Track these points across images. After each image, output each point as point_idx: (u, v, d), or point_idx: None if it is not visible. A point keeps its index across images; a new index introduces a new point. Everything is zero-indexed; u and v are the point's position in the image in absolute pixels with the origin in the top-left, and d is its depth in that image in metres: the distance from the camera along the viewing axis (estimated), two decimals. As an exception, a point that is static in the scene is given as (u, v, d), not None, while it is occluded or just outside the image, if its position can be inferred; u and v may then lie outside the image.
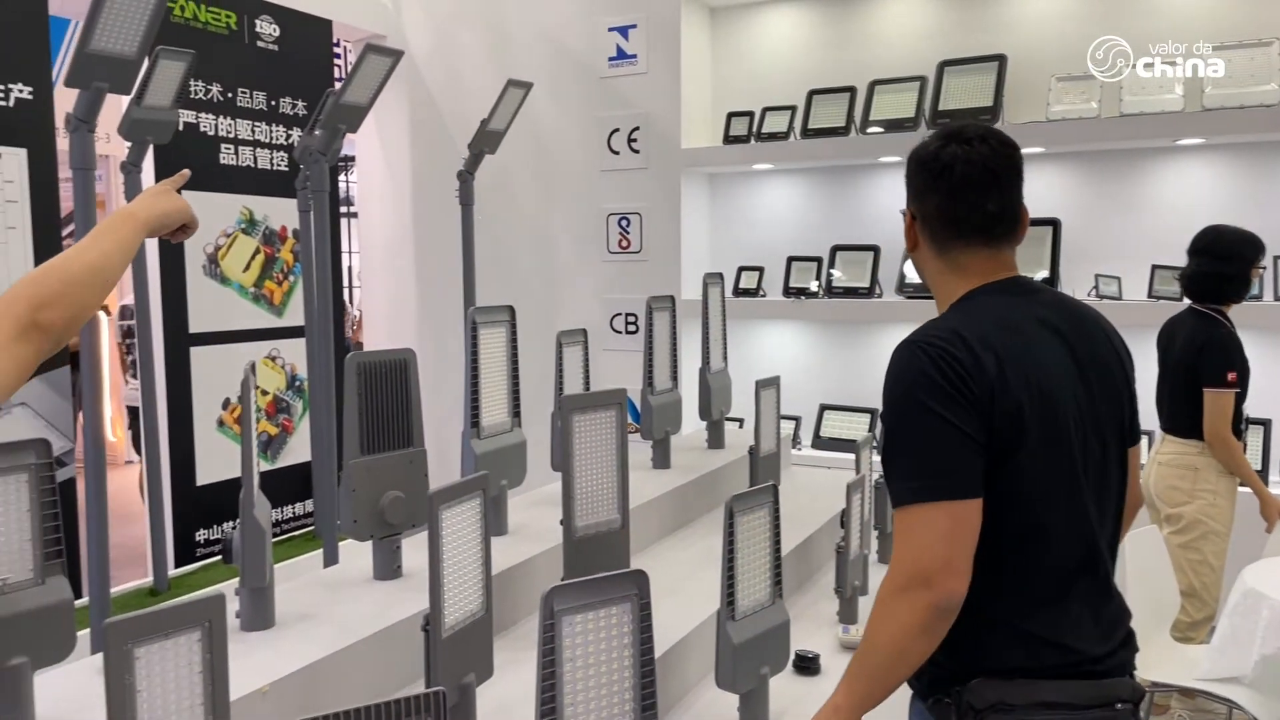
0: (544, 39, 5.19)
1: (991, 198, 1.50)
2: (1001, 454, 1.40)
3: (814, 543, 2.87)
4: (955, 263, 1.53)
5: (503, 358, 2.40)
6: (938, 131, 1.56)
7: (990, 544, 1.39)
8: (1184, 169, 4.21)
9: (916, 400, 1.40)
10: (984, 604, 1.40)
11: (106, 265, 1.27)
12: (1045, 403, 1.41)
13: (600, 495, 2.09)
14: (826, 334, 4.92)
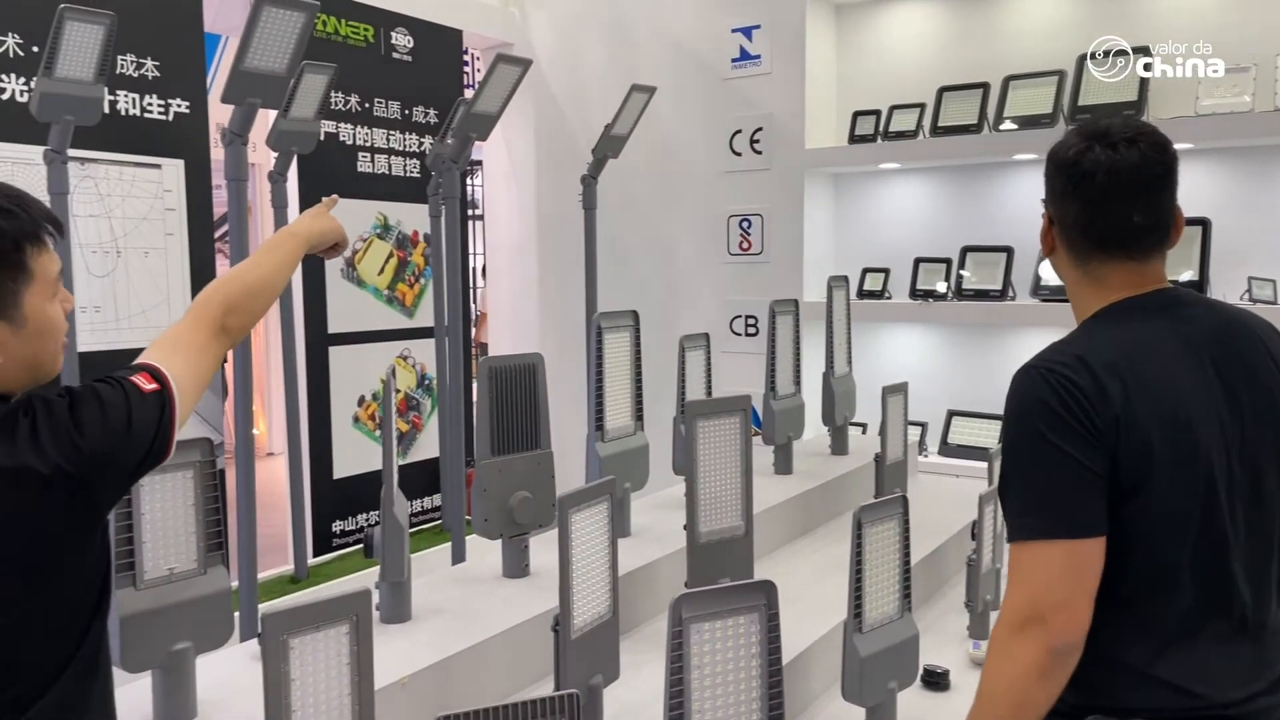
0: (667, 42, 5.21)
1: (1138, 208, 1.37)
2: (1127, 490, 1.29)
3: (942, 554, 2.79)
4: (1094, 274, 1.41)
5: (626, 362, 2.43)
6: (1081, 128, 1.42)
7: (1114, 583, 1.30)
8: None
9: (1034, 430, 1.31)
10: (1105, 644, 1.31)
11: (274, 279, 1.45)
12: (1179, 433, 1.30)
13: (724, 501, 2.10)
14: (955, 338, 4.77)
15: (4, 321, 1.09)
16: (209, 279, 4.01)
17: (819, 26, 4.88)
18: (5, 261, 1.08)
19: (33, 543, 1.03)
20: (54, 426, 1.05)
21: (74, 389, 1.12)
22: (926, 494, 3.36)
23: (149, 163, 3.84)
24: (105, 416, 1.08)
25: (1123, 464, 1.29)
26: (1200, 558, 1.32)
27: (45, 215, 1.14)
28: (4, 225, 1.07)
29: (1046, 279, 4.32)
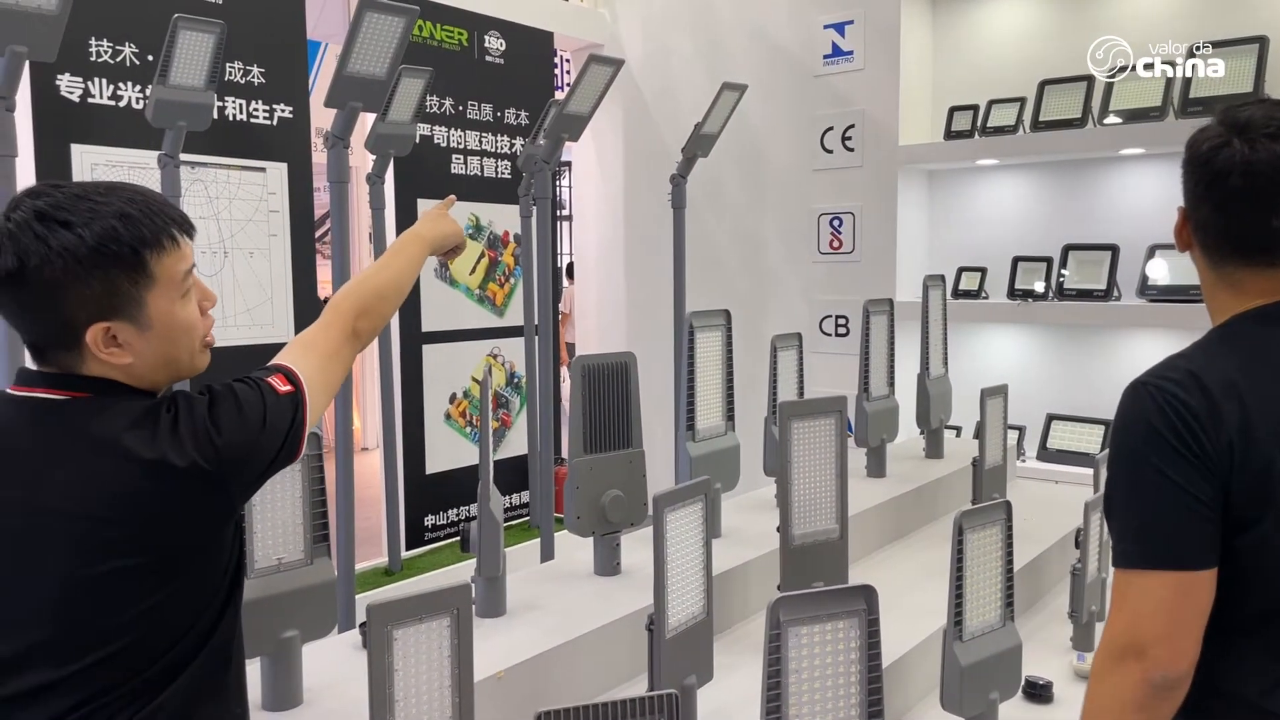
0: (757, 39, 5.17)
1: (1273, 218, 1.24)
2: (1245, 520, 1.20)
3: (1044, 562, 2.70)
4: (1230, 279, 1.30)
5: (718, 361, 2.42)
6: (1223, 115, 1.29)
7: (1230, 612, 1.22)
8: None
9: (1138, 453, 1.22)
10: (1221, 676, 1.24)
11: (401, 281, 1.48)
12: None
13: (818, 504, 2.06)
14: (1055, 339, 4.61)
15: (129, 323, 1.10)
16: (309, 278, 4.17)
17: (914, 21, 4.77)
18: (123, 264, 1.09)
19: (167, 532, 1.07)
20: (193, 423, 1.09)
21: (213, 388, 1.16)
22: (1025, 500, 3.25)
23: (254, 166, 3.98)
24: (242, 416, 1.12)
25: (1237, 492, 1.19)
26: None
27: (169, 216, 1.15)
28: (123, 232, 1.09)
29: (1155, 278, 4.15)
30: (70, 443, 1.07)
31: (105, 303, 1.09)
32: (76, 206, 1.07)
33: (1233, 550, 1.21)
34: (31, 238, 1.05)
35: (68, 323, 1.08)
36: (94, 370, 1.11)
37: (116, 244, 1.08)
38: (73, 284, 1.06)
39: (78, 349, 1.10)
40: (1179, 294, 4.03)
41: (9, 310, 1.10)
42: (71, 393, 1.10)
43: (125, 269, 1.09)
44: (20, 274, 1.05)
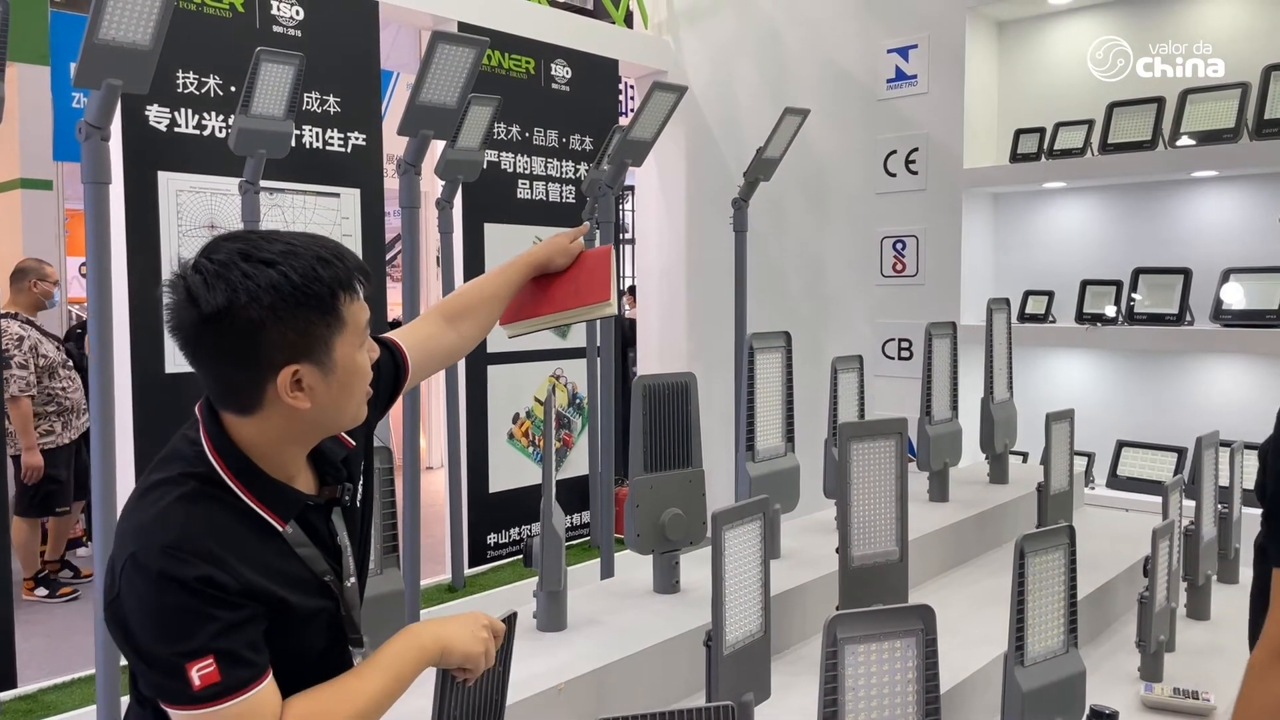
0: (820, 64, 5.20)
1: None
2: None
3: (1111, 590, 2.65)
4: None
5: (778, 382, 2.44)
6: None
7: None
8: None
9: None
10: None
11: (499, 290, 1.61)
12: None
13: (878, 526, 2.07)
14: (1125, 364, 4.52)
15: (314, 366, 1.10)
16: (380, 300, 4.28)
17: (979, 44, 4.76)
18: (321, 307, 1.09)
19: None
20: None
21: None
22: (1093, 527, 3.19)
23: (329, 192, 4.13)
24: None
25: None
26: None
27: (357, 265, 1.15)
28: (322, 273, 1.09)
29: (1230, 302, 4.05)
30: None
31: (299, 345, 1.08)
32: (274, 249, 1.09)
33: None
34: (240, 275, 1.05)
35: (263, 364, 1.08)
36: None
37: (318, 284, 1.08)
38: (274, 324, 1.06)
39: (260, 398, 1.10)
40: (1255, 318, 3.92)
41: (208, 353, 1.09)
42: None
43: (321, 311, 1.09)
44: (228, 312, 1.05)
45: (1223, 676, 2.27)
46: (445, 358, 1.57)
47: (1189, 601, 2.65)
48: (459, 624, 1.20)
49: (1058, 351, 4.69)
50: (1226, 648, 2.45)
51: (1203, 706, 2.06)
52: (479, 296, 1.60)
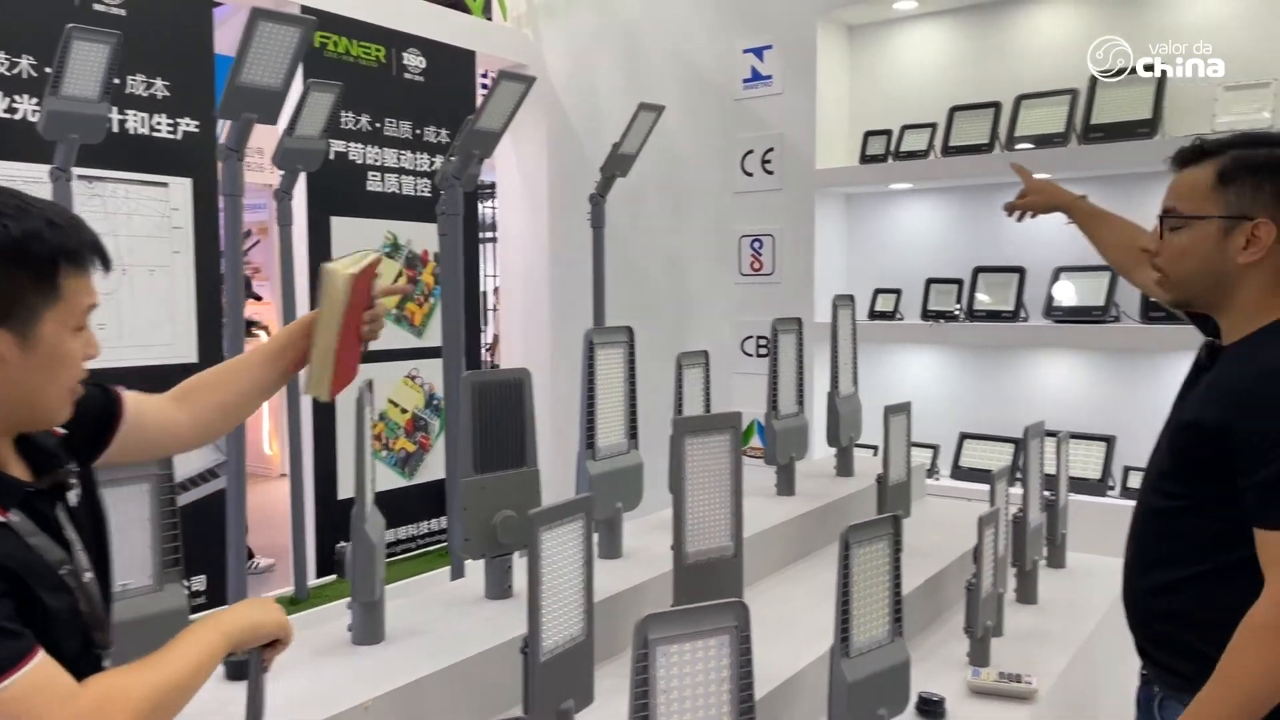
0: (679, 63, 5.21)
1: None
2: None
3: (945, 578, 2.72)
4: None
5: (620, 379, 2.39)
6: (1245, 139, 1.57)
7: None
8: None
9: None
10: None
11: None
12: None
13: (713, 521, 2.04)
14: (968, 359, 4.69)
15: (13, 334, 1.01)
16: (215, 295, 4.03)
17: (830, 47, 4.85)
18: (37, 271, 1.02)
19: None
20: None
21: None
22: (933, 516, 3.29)
23: (156, 181, 3.86)
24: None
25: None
26: None
27: (94, 242, 1.09)
28: (48, 236, 1.02)
29: (1060, 300, 4.25)
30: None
31: (1, 305, 1.00)
32: (8, 202, 1.02)
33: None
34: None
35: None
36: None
37: (39, 244, 1.01)
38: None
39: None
40: (1083, 314, 4.13)
41: None
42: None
43: (36, 275, 1.02)
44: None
45: (1048, 659, 2.35)
46: (166, 434, 1.32)
47: (1018, 587, 2.74)
48: (250, 603, 1.20)
49: (906, 347, 4.83)
50: (1053, 631, 2.55)
51: (1024, 690, 2.12)
52: (214, 377, 1.41)
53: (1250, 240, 1.51)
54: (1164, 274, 1.64)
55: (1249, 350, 1.53)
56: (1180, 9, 4.14)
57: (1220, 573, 1.52)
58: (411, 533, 4.91)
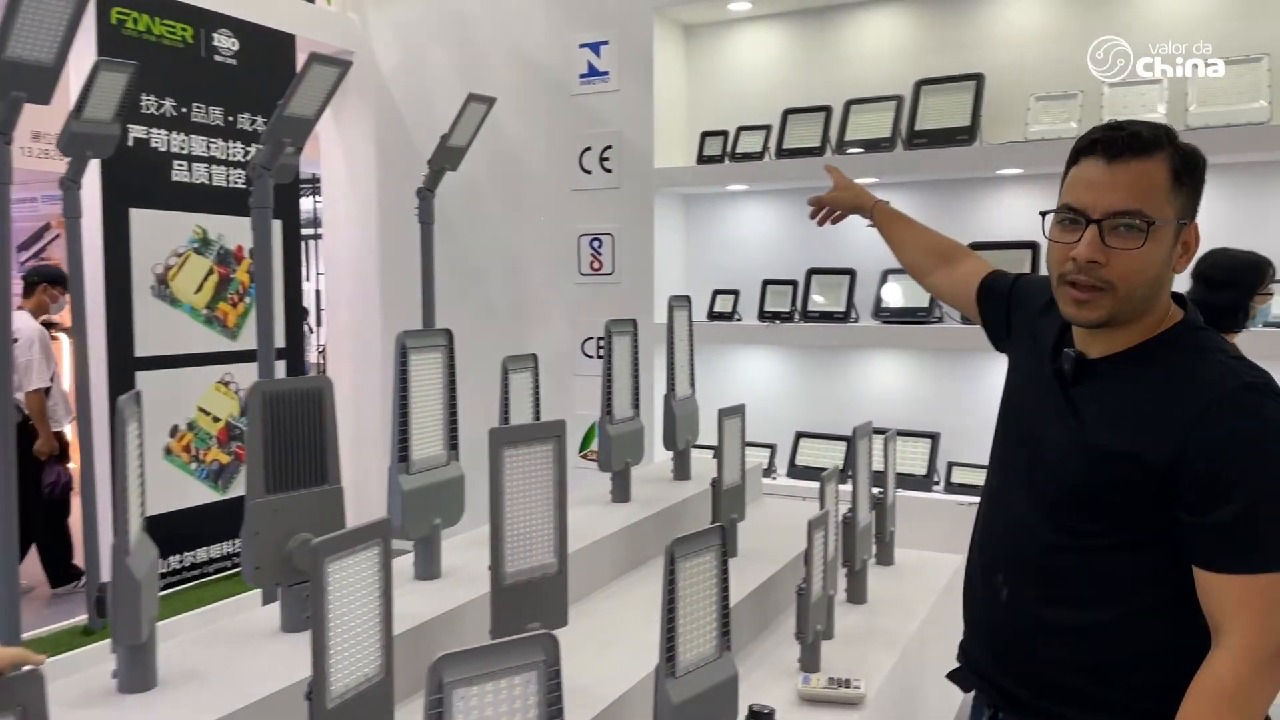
0: (514, 55, 5.06)
1: None
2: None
3: (778, 582, 2.69)
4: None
5: (438, 385, 2.23)
6: (1174, 132, 1.39)
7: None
8: (1168, 190, 4.07)
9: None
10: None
11: None
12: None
13: (535, 538, 1.92)
14: (802, 359, 4.76)
15: None
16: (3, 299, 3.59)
17: (667, 45, 4.82)
18: None
19: None
20: None
21: None
22: (767, 518, 3.27)
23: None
24: None
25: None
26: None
27: None
28: None
29: (888, 301, 4.35)
30: None
31: None
32: None
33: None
34: None
35: None
36: None
37: None
38: None
39: None
40: (909, 315, 4.24)
41: None
42: None
43: None
44: None
45: (876, 658, 2.35)
46: None
47: (849, 587, 2.74)
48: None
49: (744, 348, 4.85)
50: (882, 629, 2.56)
51: (853, 695, 2.10)
52: None
53: (1185, 248, 1.39)
54: (1104, 289, 1.36)
55: (1176, 368, 1.35)
56: (995, 20, 4.31)
57: (1140, 617, 1.37)
58: (227, 550, 4.56)
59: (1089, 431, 1.39)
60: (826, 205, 2.42)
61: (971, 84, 4.19)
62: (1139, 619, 1.37)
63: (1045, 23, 4.21)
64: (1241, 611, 1.26)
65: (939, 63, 4.33)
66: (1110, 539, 1.37)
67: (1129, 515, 1.36)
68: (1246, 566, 1.26)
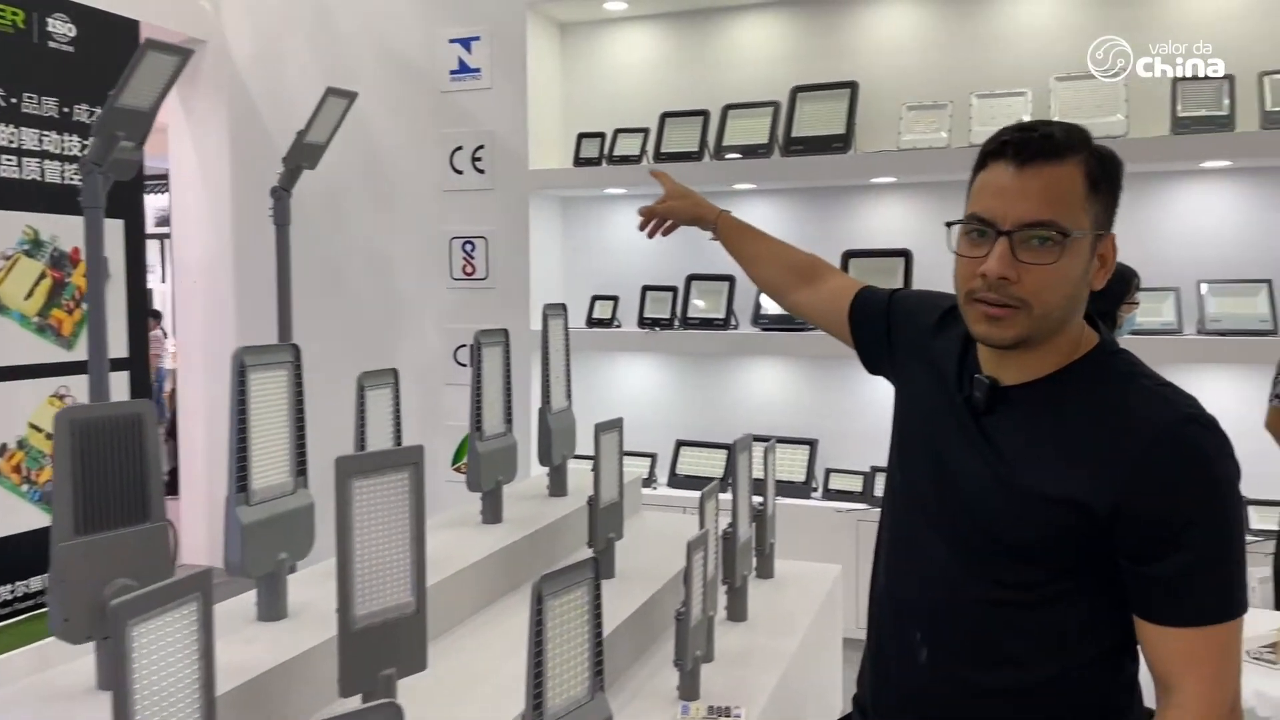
0: (381, 49, 4.82)
1: None
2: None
3: (658, 602, 2.59)
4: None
5: (282, 406, 2.03)
6: (1088, 134, 1.26)
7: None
8: (1033, 200, 4.18)
9: (1238, 495, 1.20)
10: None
11: None
12: None
13: (389, 576, 1.75)
14: (683, 366, 4.69)
15: None
16: None
17: (542, 43, 4.67)
18: None
19: None
20: None
21: None
22: (647, 533, 3.17)
23: None
24: None
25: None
26: None
27: None
28: None
29: (767, 308, 4.33)
30: None
31: None
32: None
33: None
34: None
35: None
36: None
37: None
38: None
39: None
40: (787, 322, 4.23)
41: None
42: None
43: None
44: None
45: (758, 679, 2.28)
46: None
47: (729, 604, 2.67)
48: None
49: (624, 355, 4.76)
50: (763, 648, 2.49)
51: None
52: None
53: (1102, 261, 1.26)
54: (1018, 307, 1.22)
55: (1104, 399, 1.23)
56: (869, 29, 4.34)
57: (1082, 670, 1.26)
58: (63, 580, 4.17)
59: (1013, 470, 1.25)
60: (659, 216, 2.15)
61: (846, 92, 4.21)
62: (1082, 672, 1.25)
63: (917, 33, 4.26)
64: (1193, 667, 1.16)
65: (815, 69, 4.34)
66: (1045, 590, 1.24)
67: (1064, 563, 1.23)
68: (1197, 619, 1.15)
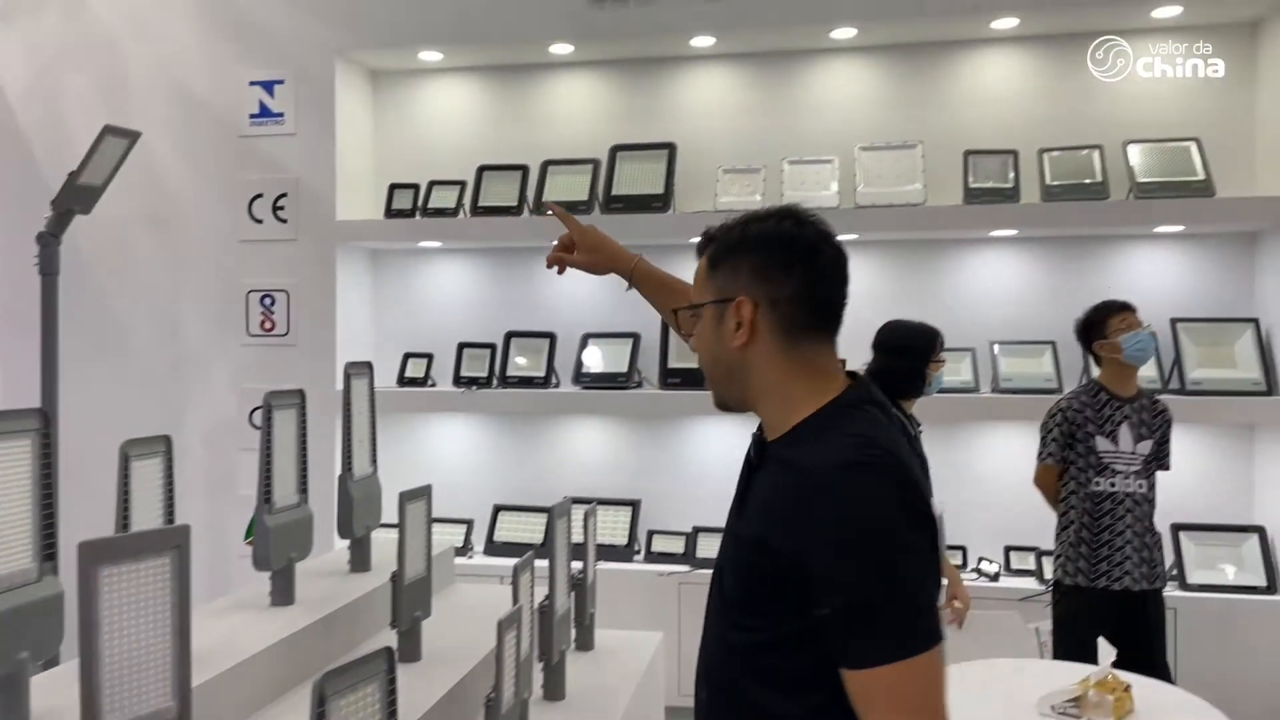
0: (171, 88, 4.48)
1: (846, 287, 1.40)
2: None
3: (468, 686, 2.40)
4: (805, 359, 1.35)
5: (25, 482, 1.74)
6: (771, 210, 1.40)
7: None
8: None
9: (898, 532, 1.21)
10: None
11: None
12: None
13: (146, 677, 1.51)
14: (502, 426, 4.53)
15: None
16: None
17: (351, 90, 4.48)
18: None
19: None
20: None
21: None
22: (458, 609, 2.97)
23: None
24: None
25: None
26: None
27: None
28: None
29: (589, 365, 4.25)
30: None
31: None
32: None
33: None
34: None
35: None
36: None
37: None
38: None
39: None
40: (609, 381, 4.16)
41: None
42: None
43: None
44: None
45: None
46: None
47: (545, 683, 2.51)
48: None
49: (439, 416, 4.55)
50: (581, 728, 2.35)
51: (548, 821, 1.85)
52: None
53: (739, 323, 1.36)
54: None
55: (793, 451, 1.32)
56: (686, 93, 4.41)
57: (820, 714, 1.27)
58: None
59: (740, 519, 1.38)
60: (577, 267, 2.11)
61: (665, 152, 4.24)
62: (819, 717, 1.27)
63: (733, 98, 4.37)
64: (871, 710, 1.19)
65: (634, 130, 4.36)
66: (763, 634, 1.29)
67: (775, 608, 1.27)
68: (860, 661, 1.19)
